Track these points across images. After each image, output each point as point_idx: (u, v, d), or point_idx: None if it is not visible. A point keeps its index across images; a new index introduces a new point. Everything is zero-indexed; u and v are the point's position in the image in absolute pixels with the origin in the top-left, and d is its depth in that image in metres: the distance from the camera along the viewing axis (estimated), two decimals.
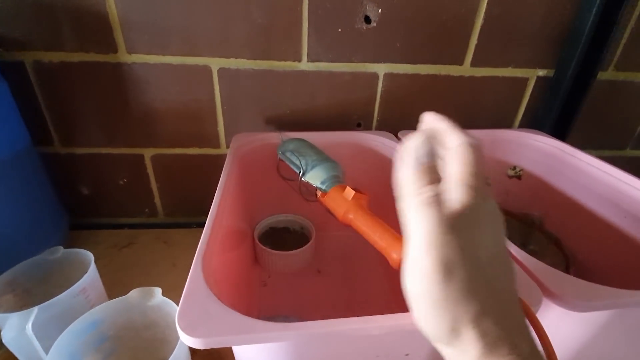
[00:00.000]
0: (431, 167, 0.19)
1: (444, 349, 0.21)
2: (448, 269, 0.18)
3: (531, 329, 0.22)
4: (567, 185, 0.55)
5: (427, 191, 0.19)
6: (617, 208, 0.47)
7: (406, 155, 0.19)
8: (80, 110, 0.55)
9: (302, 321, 0.23)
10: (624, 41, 0.59)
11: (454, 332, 0.19)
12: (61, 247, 0.42)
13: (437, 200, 0.18)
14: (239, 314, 0.22)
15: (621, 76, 0.63)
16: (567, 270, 0.49)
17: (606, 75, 0.62)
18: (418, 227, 0.19)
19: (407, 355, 0.28)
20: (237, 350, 0.30)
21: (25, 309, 0.34)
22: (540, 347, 0.20)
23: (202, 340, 0.21)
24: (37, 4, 0.47)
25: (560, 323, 0.31)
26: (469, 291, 0.18)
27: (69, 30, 0.49)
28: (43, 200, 0.53)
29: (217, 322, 0.22)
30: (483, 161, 0.20)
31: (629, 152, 0.72)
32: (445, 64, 0.58)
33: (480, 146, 0.20)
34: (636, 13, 0.57)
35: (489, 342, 0.18)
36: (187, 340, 0.21)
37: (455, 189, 0.19)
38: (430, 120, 0.23)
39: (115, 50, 0.51)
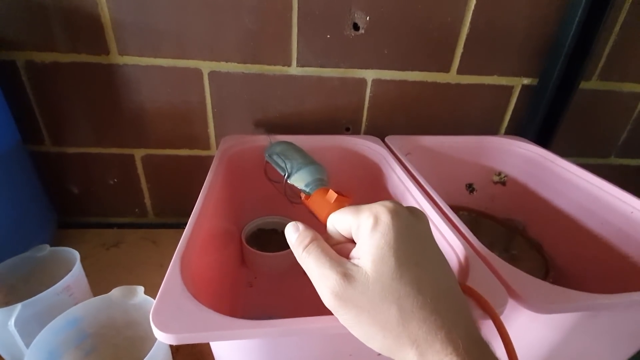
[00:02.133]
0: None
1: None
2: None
3: (495, 331, 0.23)
4: (549, 191, 0.56)
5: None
6: (595, 215, 0.48)
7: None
8: (72, 110, 0.55)
9: None
10: (607, 52, 0.61)
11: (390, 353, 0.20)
12: (47, 245, 0.43)
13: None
14: (212, 311, 0.23)
15: (605, 86, 0.64)
16: (546, 274, 0.50)
17: (590, 84, 0.64)
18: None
19: (379, 355, 0.29)
20: (215, 348, 0.30)
21: (9, 306, 0.34)
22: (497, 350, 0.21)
23: (174, 336, 0.21)
24: (30, 5, 0.47)
25: (531, 325, 0.32)
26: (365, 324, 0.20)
27: (62, 31, 0.49)
28: (31, 198, 0.53)
29: (191, 319, 0.22)
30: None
31: (613, 160, 0.73)
32: (432, 71, 0.59)
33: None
34: (618, 25, 0.59)
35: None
36: (160, 336, 0.21)
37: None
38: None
39: (107, 51, 0.52)
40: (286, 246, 0.56)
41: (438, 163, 0.60)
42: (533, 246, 0.56)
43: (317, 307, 0.53)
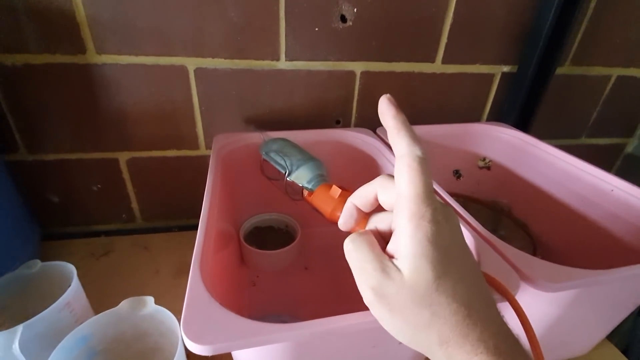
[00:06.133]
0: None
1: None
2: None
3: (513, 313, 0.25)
4: (531, 173, 0.59)
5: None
6: (576, 194, 0.51)
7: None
8: (48, 115, 0.52)
9: (294, 318, 0.24)
10: (578, 38, 0.64)
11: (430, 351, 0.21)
12: (38, 261, 0.40)
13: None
14: (243, 318, 0.23)
15: (577, 70, 0.68)
16: (534, 252, 0.53)
17: (563, 70, 0.67)
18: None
19: (400, 343, 0.30)
20: (236, 353, 0.30)
21: (3, 328, 0.32)
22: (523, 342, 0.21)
23: (210, 347, 0.21)
24: None
25: (533, 303, 0.34)
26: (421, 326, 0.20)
27: (32, 30, 0.46)
28: (11, 211, 0.49)
29: (223, 328, 0.22)
30: (429, 172, 0.21)
31: (585, 140, 0.78)
32: (419, 62, 0.60)
33: (424, 158, 0.21)
34: (589, 12, 0.62)
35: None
36: (195, 348, 0.21)
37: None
38: (383, 110, 0.23)
39: (83, 50, 0.48)
40: (284, 243, 0.56)
41: (427, 151, 0.61)
42: (519, 226, 0.59)
43: (321, 301, 0.54)
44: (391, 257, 0.22)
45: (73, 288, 0.37)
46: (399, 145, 0.21)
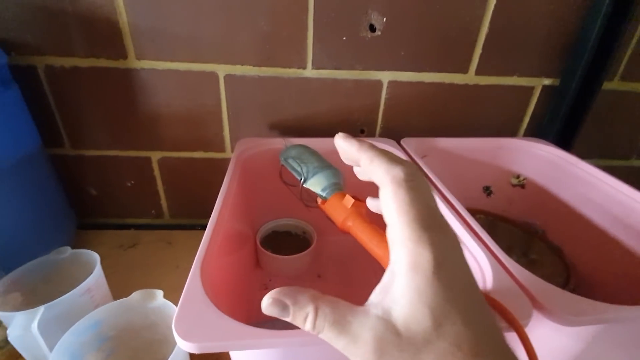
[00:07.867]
0: None
1: None
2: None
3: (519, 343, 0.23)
4: (570, 195, 0.54)
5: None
6: (617, 220, 0.47)
7: None
8: (90, 114, 0.56)
9: None
10: (629, 52, 0.59)
11: None
12: (69, 247, 0.43)
13: None
14: (233, 320, 0.23)
15: (626, 87, 0.62)
16: (567, 280, 0.49)
17: (612, 85, 0.62)
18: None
19: None
20: (234, 354, 0.31)
21: (30, 308, 0.35)
22: None
23: (197, 345, 0.21)
24: (49, 11, 0.48)
25: (552, 336, 0.31)
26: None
27: (81, 36, 0.50)
28: (52, 201, 0.54)
29: (212, 328, 0.22)
30: (421, 191, 0.19)
31: (635, 162, 0.71)
32: (450, 72, 0.58)
33: (408, 179, 0.19)
34: None
35: None
36: (183, 345, 0.21)
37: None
38: (346, 149, 0.22)
39: (125, 56, 0.52)
40: (300, 249, 0.56)
41: (455, 165, 0.59)
42: (553, 251, 0.54)
43: None
44: (370, 304, 0.20)
45: (95, 275, 0.39)
46: (376, 175, 0.20)
